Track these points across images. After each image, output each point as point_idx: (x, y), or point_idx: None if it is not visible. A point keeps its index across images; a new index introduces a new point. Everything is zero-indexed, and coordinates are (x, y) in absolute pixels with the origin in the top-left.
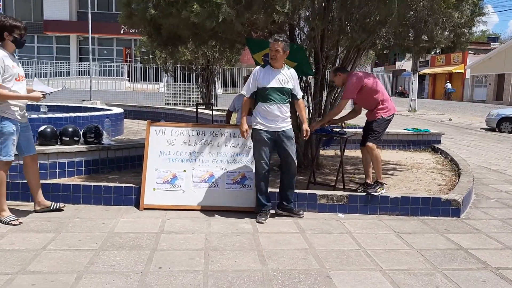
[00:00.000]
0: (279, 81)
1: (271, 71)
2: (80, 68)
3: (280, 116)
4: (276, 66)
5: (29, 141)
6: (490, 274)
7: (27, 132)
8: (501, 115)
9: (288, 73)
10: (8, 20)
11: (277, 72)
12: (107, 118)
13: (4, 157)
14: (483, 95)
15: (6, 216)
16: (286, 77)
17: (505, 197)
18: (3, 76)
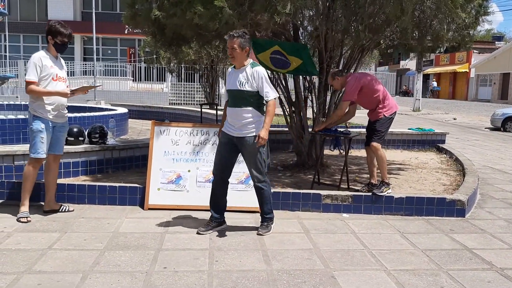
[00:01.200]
0: (236, 83)
1: (234, 72)
2: (84, 68)
3: (236, 122)
4: (236, 66)
5: (58, 140)
6: (496, 275)
7: (61, 132)
8: (506, 115)
9: (250, 72)
10: (55, 26)
11: (238, 72)
12: (111, 118)
13: (33, 154)
14: (488, 94)
15: (22, 211)
16: (244, 79)
17: (511, 197)
18: (40, 74)
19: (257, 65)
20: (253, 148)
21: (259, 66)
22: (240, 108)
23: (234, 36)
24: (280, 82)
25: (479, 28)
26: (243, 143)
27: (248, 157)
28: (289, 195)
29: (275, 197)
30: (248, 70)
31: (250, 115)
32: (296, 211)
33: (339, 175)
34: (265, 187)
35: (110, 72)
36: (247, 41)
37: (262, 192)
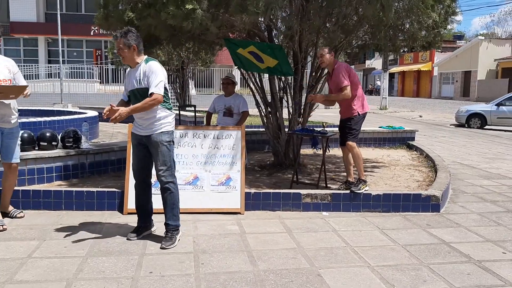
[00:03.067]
0: (134, 82)
1: (131, 72)
2: (49, 71)
3: (143, 121)
4: (131, 65)
5: (8, 148)
6: (474, 267)
7: (10, 139)
8: (470, 111)
9: (143, 69)
10: None
11: (134, 71)
12: (85, 121)
13: None
14: (450, 92)
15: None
16: (140, 76)
17: (481, 191)
18: None
19: (152, 60)
20: (160, 145)
21: (153, 60)
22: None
23: (117, 37)
24: (255, 83)
25: (449, 27)
26: (151, 141)
27: (156, 155)
28: (270, 195)
29: (255, 198)
30: (142, 67)
31: (155, 113)
32: (277, 211)
33: (316, 174)
34: (173, 189)
35: (76, 75)
36: (134, 38)
37: (169, 193)
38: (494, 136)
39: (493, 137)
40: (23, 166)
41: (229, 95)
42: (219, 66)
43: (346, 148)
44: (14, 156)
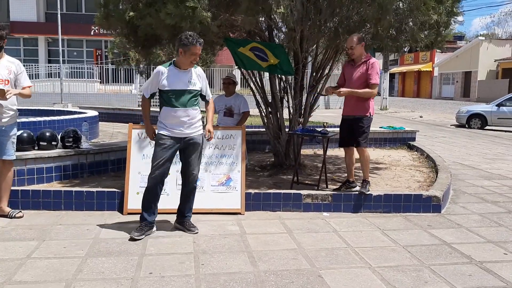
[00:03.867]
0: (184, 83)
1: (177, 72)
2: (49, 71)
3: (187, 122)
4: (182, 67)
5: (1, 145)
6: (475, 268)
7: (3, 135)
8: (471, 112)
9: (197, 72)
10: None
11: (184, 73)
12: (85, 121)
13: None
14: (450, 92)
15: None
16: (193, 79)
17: (482, 192)
18: None
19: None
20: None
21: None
22: (192, 108)
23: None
24: (256, 83)
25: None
26: (194, 142)
27: (196, 156)
28: (270, 195)
29: (256, 198)
30: (194, 70)
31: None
32: (278, 211)
33: (317, 174)
34: None
35: (77, 74)
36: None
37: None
38: (495, 136)
39: (493, 137)
40: (23, 166)
41: (230, 95)
42: (219, 66)
43: (350, 150)
44: (5, 153)
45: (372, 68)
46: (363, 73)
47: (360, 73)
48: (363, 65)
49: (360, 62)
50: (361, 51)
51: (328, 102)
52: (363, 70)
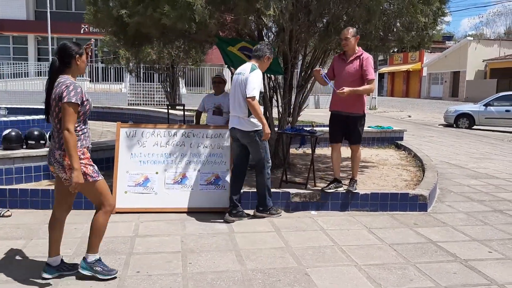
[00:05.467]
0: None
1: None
2: (39, 69)
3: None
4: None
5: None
6: (460, 266)
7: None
8: (459, 112)
9: None
10: None
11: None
12: None
13: None
14: (439, 92)
15: None
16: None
17: (468, 191)
18: None
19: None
20: None
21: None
22: None
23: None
24: None
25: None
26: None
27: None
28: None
29: (244, 197)
30: None
31: None
32: None
33: (305, 173)
34: None
35: None
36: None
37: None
38: (482, 136)
39: (481, 137)
40: (11, 165)
41: (219, 93)
42: (209, 65)
43: (339, 146)
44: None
45: (367, 63)
46: (356, 69)
47: (353, 69)
48: (356, 60)
49: (352, 57)
50: (355, 44)
51: (318, 101)
52: (356, 65)
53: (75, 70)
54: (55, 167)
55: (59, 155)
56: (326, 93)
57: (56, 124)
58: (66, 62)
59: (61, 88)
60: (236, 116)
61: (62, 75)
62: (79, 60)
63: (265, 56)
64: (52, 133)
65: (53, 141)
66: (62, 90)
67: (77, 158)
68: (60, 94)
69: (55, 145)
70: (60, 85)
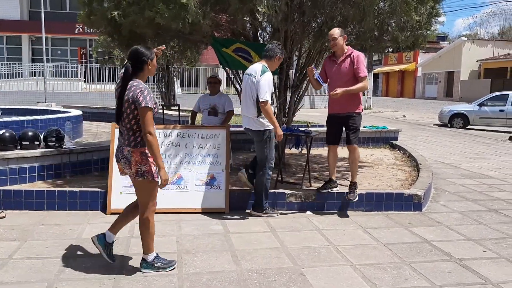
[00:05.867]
0: None
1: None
2: (33, 69)
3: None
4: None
5: None
6: (455, 265)
7: None
8: (453, 111)
9: None
10: None
11: None
12: (68, 120)
13: None
14: (434, 92)
15: None
16: None
17: (462, 190)
18: None
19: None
20: None
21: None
22: None
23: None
24: (240, 82)
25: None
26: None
27: None
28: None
29: (240, 197)
30: None
31: None
32: None
33: (300, 173)
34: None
35: (61, 73)
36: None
37: None
38: (476, 135)
39: (475, 136)
40: (5, 166)
41: (215, 94)
42: (204, 65)
43: (335, 147)
44: None
45: (357, 61)
46: (348, 68)
47: (345, 69)
48: (346, 59)
49: (342, 57)
50: (343, 43)
51: (313, 101)
52: (347, 65)
53: (146, 74)
54: (122, 163)
55: (127, 152)
56: (321, 93)
57: (126, 124)
58: (139, 67)
59: (136, 92)
60: (246, 116)
61: (133, 78)
62: (150, 64)
63: (276, 57)
64: (121, 131)
65: (122, 139)
66: (137, 94)
67: (161, 158)
68: (135, 97)
69: (124, 142)
70: (134, 89)
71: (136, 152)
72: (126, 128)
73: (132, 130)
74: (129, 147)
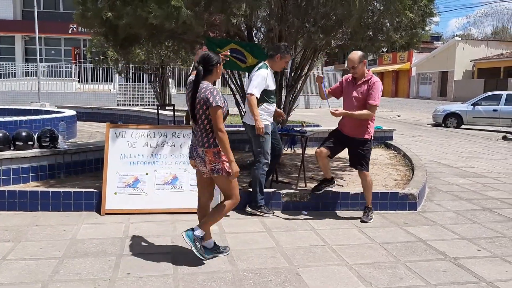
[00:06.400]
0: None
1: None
2: (26, 69)
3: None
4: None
5: None
6: (450, 264)
7: None
8: (447, 111)
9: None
10: None
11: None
12: (62, 121)
13: None
14: (428, 92)
15: None
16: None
17: (457, 190)
18: None
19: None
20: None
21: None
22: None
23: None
24: (235, 83)
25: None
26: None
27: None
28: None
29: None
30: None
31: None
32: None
33: (295, 173)
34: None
35: (54, 73)
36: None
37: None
38: (470, 135)
39: (469, 136)
40: None
41: None
42: None
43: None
44: None
45: (373, 88)
46: (363, 93)
47: (360, 93)
48: (364, 84)
49: (361, 81)
50: (363, 69)
51: (308, 101)
52: (364, 89)
53: (214, 77)
54: (196, 161)
55: (201, 152)
56: (316, 93)
57: (200, 124)
58: (209, 70)
59: (206, 93)
60: (245, 111)
61: (203, 81)
62: (218, 68)
63: (276, 56)
64: (194, 132)
65: (195, 139)
66: (207, 95)
67: (231, 153)
68: (206, 99)
69: (198, 143)
70: (204, 91)
71: (209, 152)
72: (199, 129)
73: (205, 131)
74: (203, 148)
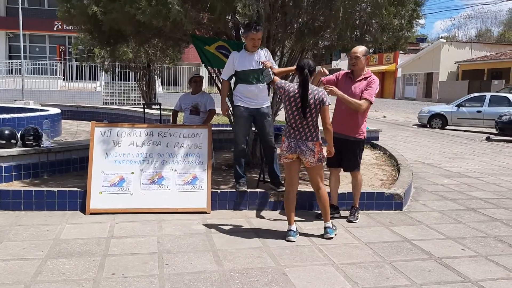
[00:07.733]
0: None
1: (247, 55)
2: (10, 67)
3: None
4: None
5: None
6: (435, 264)
7: None
8: (432, 112)
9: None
10: None
11: (250, 55)
12: (46, 119)
13: None
14: (413, 93)
15: None
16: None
17: (442, 190)
18: None
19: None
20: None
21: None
22: (262, 84)
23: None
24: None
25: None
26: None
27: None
28: (236, 194)
29: (222, 197)
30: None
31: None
32: (244, 210)
33: (283, 173)
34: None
35: (39, 71)
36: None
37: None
38: (455, 136)
39: (453, 137)
40: None
41: (197, 92)
42: (186, 64)
43: (338, 170)
44: None
45: (371, 84)
46: (361, 90)
47: (358, 90)
48: (363, 81)
49: (360, 78)
50: (365, 64)
51: None
52: (362, 86)
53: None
54: (306, 154)
55: (311, 144)
56: None
57: (309, 121)
58: (312, 74)
59: (320, 94)
60: None
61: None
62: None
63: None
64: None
65: (299, 134)
66: (322, 96)
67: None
68: (321, 99)
69: (307, 137)
70: (316, 92)
71: (317, 143)
72: (308, 126)
73: (314, 126)
74: (313, 141)
